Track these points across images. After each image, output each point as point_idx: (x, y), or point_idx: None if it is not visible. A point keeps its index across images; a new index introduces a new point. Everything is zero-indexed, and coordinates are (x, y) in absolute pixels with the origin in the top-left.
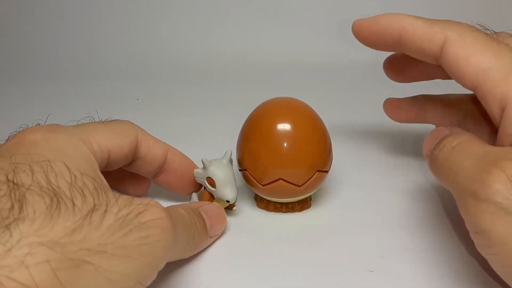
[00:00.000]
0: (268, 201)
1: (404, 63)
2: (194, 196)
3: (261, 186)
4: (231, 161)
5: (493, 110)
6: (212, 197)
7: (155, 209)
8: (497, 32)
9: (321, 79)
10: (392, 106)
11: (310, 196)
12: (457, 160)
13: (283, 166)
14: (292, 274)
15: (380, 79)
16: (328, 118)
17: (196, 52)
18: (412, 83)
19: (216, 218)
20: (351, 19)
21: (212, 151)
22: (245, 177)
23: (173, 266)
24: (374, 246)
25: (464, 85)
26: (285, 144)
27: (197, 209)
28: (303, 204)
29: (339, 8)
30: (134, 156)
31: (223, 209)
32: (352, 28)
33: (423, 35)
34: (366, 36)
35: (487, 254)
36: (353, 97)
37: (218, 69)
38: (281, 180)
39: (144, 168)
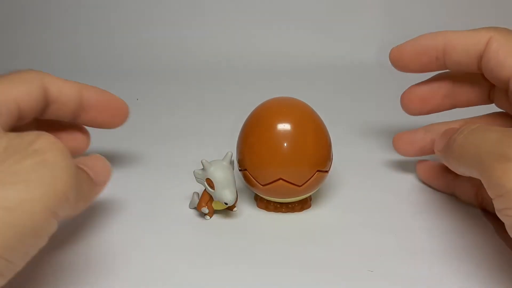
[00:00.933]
0: (268, 201)
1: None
2: (195, 196)
3: (261, 186)
4: (231, 162)
5: None
6: (211, 199)
7: (47, 135)
8: None
9: (321, 79)
10: (404, 143)
11: (310, 196)
12: (479, 136)
13: (283, 166)
14: (292, 274)
15: (380, 80)
16: (328, 118)
17: (196, 52)
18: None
19: (95, 166)
20: (351, 19)
21: (213, 151)
22: (245, 177)
23: (173, 265)
24: (374, 246)
25: (500, 77)
26: (285, 144)
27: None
28: (303, 204)
29: (339, 9)
30: (46, 101)
31: (103, 158)
32: (391, 55)
33: (468, 39)
34: (408, 58)
35: (509, 217)
36: (353, 97)
37: (218, 69)
38: (281, 180)
39: (62, 111)
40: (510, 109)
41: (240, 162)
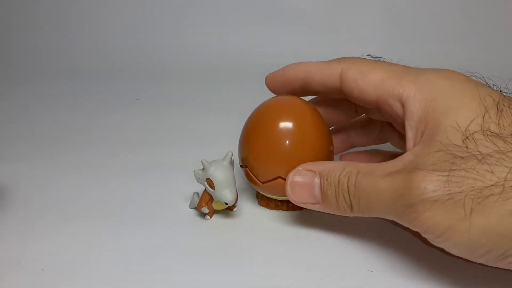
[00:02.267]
0: (269, 199)
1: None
2: (195, 196)
3: (261, 183)
4: (232, 162)
5: (397, 110)
6: (212, 199)
7: None
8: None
9: None
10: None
11: None
12: (371, 191)
13: (283, 164)
14: (292, 273)
15: None
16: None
17: (196, 52)
18: None
19: None
20: (352, 19)
21: (213, 151)
22: (246, 174)
23: (173, 265)
24: (374, 246)
25: (368, 100)
26: (286, 142)
27: None
28: None
29: (339, 9)
30: None
31: None
32: (266, 81)
33: (323, 72)
34: (278, 86)
35: (441, 243)
36: None
37: (218, 69)
38: (279, 179)
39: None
40: (385, 119)
41: (242, 159)
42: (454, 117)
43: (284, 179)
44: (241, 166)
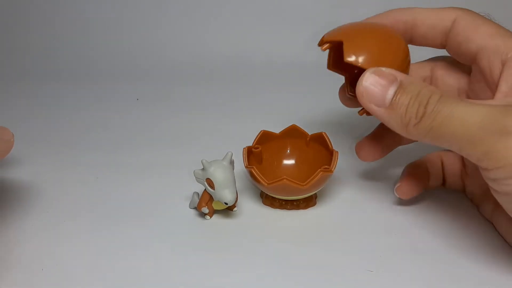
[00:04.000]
0: (274, 198)
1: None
2: (195, 196)
3: (266, 184)
4: (232, 162)
5: (492, 67)
6: (211, 199)
7: None
8: None
9: (321, 79)
10: (364, 149)
11: (316, 194)
12: (461, 110)
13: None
14: (293, 272)
15: None
16: (329, 118)
17: (196, 52)
18: None
19: None
20: (352, 19)
21: (213, 151)
22: (251, 174)
23: (173, 265)
24: (375, 246)
25: (468, 50)
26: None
27: None
28: (308, 202)
29: (339, 8)
30: None
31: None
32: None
33: (435, 16)
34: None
35: (508, 186)
36: None
37: (218, 69)
38: (285, 180)
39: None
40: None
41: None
42: None
43: (289, 180)
44: (246, 167)
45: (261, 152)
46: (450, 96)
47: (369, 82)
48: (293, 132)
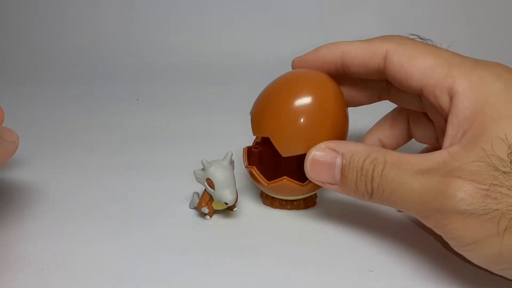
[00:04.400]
0: (274, 198)
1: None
2: (195, 196)
3: (266, 184)
4: (232, 162)
5: (442, 103)
6: (212, 199)
7: None
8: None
9: None
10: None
11: (316, 194)
12: (399, 186)
13: (301, 140)
14: (293, 272)
15: None
16: None
17: (196, 52)
18: None
19: (1, 129)
20: (352, 20)
21: (213, 151)
22: (251, 175)
23: (173, 265)
24: (375, 246)
25: (411, 87)
26: (302, 120)
27: None
28: (308, 202)
29: (339, 9)
30: None
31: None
32: (293, 65)
33: (364, 53)
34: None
35: (463, 252)
36: None
37: (218, 69)
38: (285, 179)
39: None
40: (419, 108)
41: (258, 128)
42: (504, 128)
43: (289, 180)
44: (246, 167)
45: (261, 152)
46: (393, 162)
47: (314, 169)
48: None
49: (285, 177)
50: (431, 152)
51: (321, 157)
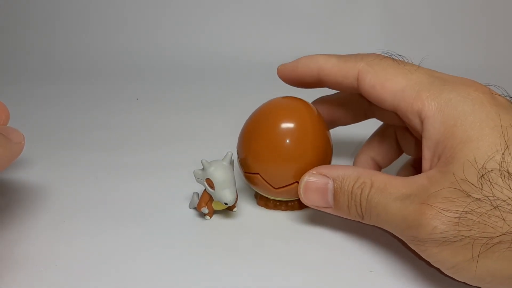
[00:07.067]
0: (268, 199)
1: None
2: (195, 196)
3: (274, 189)
4: (231, 162)
5: (415, 125)
6: (211, 199)
7: None
8: (402, 56)
9: None
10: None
11: None
12: (382, 211)
13: (298, 168)
14: (291, 273)
15: None
16: None
17: (195, 52)
18: None
19: (6, 129)
20: (352, 20)
21: (213, 151)
22: (254, 181)
23: (173, 265)
24: (375, 246)
25: (387, 108)
26: (287, 141)
27: None
28: (302, 203)
29: (338, 9)
30: None
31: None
32: (278, 72)
33: (338, 72)
34: (290, 79)
35: (447, 273)
36: None
37: (217, 69)
38: (297, 183)
39: None
40: (401, 124)
41: (250, 166)
42: (473, 151)
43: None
44: (247, 173)
45: None
46: (378, 186)
47: (308, 195)
48: None
49: (297, 180)
50: (412, 176)
51: (313, 184)
